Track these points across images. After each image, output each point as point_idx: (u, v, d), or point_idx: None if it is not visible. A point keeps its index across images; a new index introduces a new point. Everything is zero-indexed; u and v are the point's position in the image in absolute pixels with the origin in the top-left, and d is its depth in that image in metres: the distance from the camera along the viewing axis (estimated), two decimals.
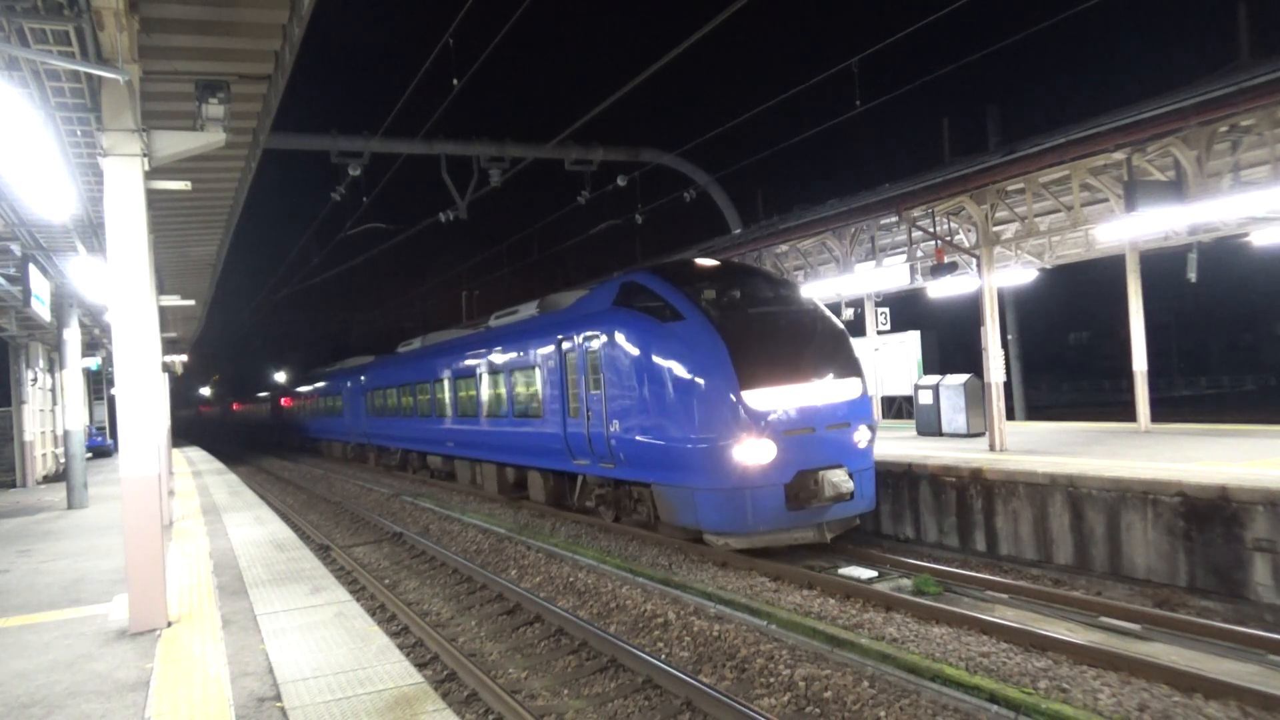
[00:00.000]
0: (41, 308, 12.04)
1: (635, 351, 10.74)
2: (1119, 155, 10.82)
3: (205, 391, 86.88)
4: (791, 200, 21.06)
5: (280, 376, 52.06)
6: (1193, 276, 13.34)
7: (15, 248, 11.29)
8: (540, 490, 14.81)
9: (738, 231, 20.02)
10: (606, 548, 11.60)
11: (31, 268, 11.24)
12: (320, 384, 34.05)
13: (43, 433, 21.19)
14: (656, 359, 10.36)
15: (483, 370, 16.32)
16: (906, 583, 8.97)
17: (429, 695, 4.78)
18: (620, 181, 18.37)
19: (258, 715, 4.63)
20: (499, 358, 15.47)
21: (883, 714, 5.67)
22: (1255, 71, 9.02)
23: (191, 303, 17.17)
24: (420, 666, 7.18)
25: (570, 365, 12.51)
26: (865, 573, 9.34)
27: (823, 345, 10.49)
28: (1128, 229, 11.93)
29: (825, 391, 10.06)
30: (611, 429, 11.24)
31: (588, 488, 13.27)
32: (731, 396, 9.55)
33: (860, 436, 10.20)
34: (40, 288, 11.80)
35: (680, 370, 10.03)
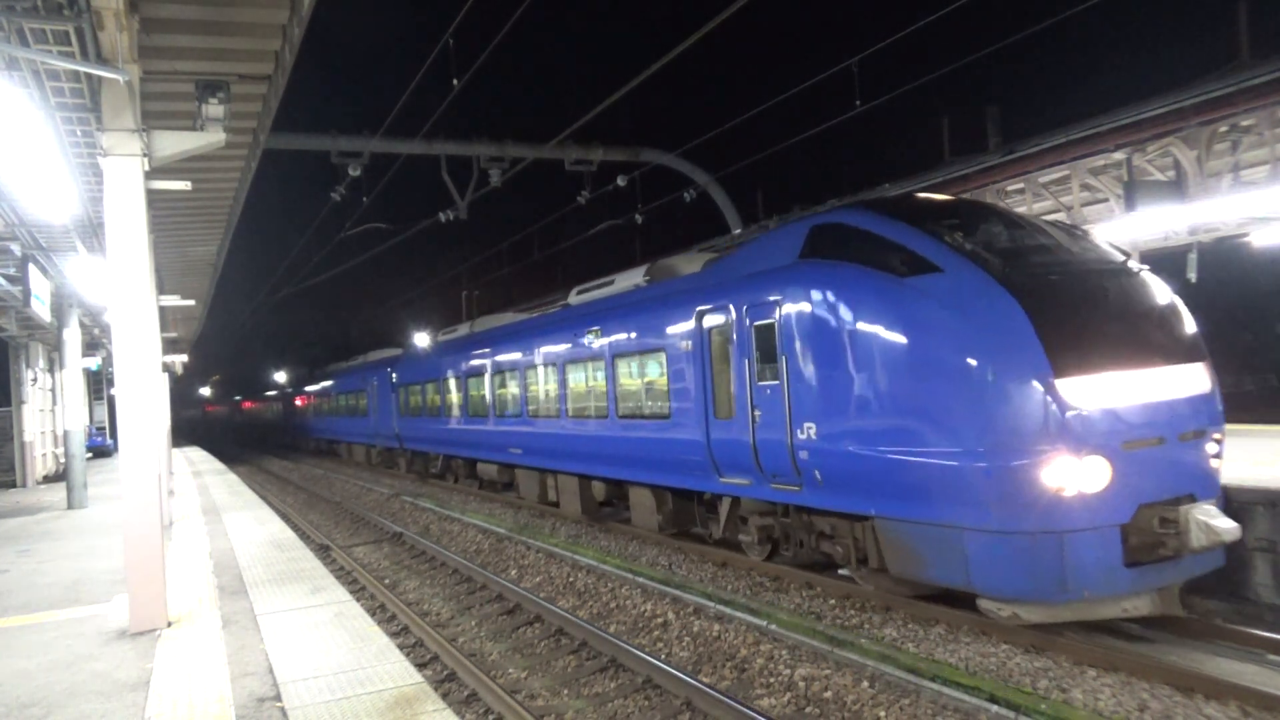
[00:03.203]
0: (41, 308, 12.06)
1: (854, 321, 7.52)
2: (1119, 155, 10.84)
3: (211, 391, 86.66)
4: (791, 200, 21.03)
5: (297, 372, 47.02)
6: (1193, 276, 13.34)
7: (15, 248, 11.31)
8: (650, 512, 11.53)
9: (737, 232, 20.01)
10: (606, 548, 11.60)
11: (31, 268, 11.27)
12: (341, 380, 30.30)
13: (43, 433, 21.21)
14: (896, 331, 7.15)
15: (566, 358, 13.13)
16: None
17: (429, 695, 4.79)
18: (620, 181, 18.38)
19: (258, 715, 4.63)
20: (593, 341, 12.29)
21: (883, 714, 5.67)
22: (1255, 71, 9.05)
23: (191, 303, 17.21)
24: (420, 666, 7.18)
25: (718, 348, 9.44)
26: None
27: (1151, 314, 7.20)
28: (1128, 229, 11.94)
29: (1171, 382, 6.86)
30: (801, 435, 8.13)
31: (739, 514, 9.98)
32: (1039, 387, 6.37)
33: (1212, 449, 7.07)
34: (40, 288, 11.83)
35: (943, 346, 6.83)
